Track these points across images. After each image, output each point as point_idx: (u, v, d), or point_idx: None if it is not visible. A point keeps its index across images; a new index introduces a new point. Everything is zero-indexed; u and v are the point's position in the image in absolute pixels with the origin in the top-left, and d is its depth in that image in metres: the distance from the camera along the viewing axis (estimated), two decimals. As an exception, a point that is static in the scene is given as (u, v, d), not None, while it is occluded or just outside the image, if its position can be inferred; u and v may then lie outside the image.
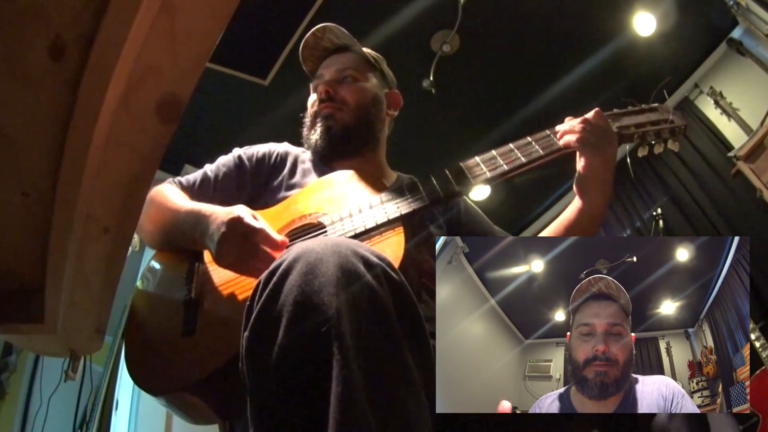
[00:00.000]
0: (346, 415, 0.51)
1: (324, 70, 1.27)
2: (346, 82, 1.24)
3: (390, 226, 0.92)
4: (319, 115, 1.22)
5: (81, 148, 0.51)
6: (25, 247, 0.59)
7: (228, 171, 1.19)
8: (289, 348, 0.56)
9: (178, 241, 1.04)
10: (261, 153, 1.23)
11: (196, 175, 1.22)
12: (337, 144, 1.19)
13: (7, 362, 2.54)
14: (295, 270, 0.59)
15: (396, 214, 0.93)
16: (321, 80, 1.25)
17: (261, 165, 1.21)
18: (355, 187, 1.04)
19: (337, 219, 0.97)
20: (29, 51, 0.46)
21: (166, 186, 1.18)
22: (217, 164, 1.22)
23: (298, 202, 1.07)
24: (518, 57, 3.12)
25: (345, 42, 1.28)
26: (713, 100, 3.22)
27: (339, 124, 1.20)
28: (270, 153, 1.24)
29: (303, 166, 1.21)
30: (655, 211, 3.05)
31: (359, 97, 1.23)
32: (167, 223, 1.07)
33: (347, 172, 1.10)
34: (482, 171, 1.00)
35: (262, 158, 1.22)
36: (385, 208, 0.95)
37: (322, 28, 1.27)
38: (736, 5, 2.86)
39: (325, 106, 1.21)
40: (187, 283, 0.96)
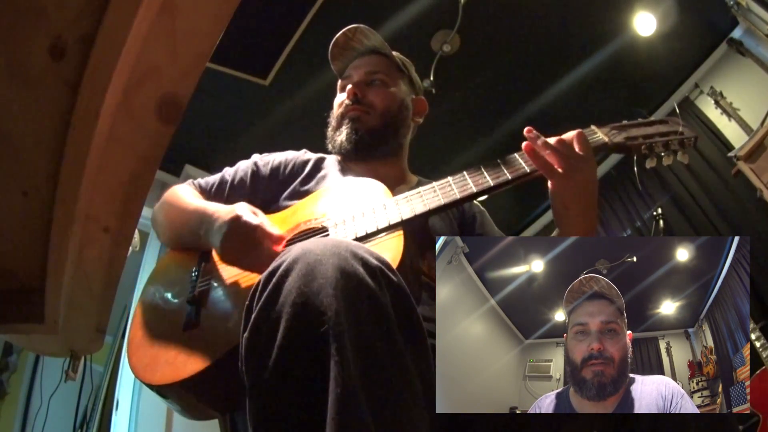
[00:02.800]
0: (345, 415, 0.51)
1: (353, 70, 1.27)
2: (375, 85, 1.24)
3: (392, 229, 0.92)
4: (346, 116, 1.22)
5: (81, 148, 0.51)
6: (25, 247, 0.59)
7: (244, 176, 1.21)
8: (288, 349, 0.56)
9: (186, 239, 1.07)
10: (277, 161, 1.24)
11: (215, 178, 1.24)
12: (362, 147, 1.19)
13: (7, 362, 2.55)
14: (294, 271, 0.60)
15: (397, 219, 0.93)
16: (349, 81, 1.25)
17: (276, 172, 1.22)
18: (363, 192, 1.04)
19: (340, 222, 0.97)
20: (29, 51, 0.46)
21: (182, 186, 1.21)
22: (236, 168, 1.24)
23: (305, 207, 1.08)
24: (518, 57, 3.12)
25: (375, 44, 1.27)
26: (713, 100, 3.22)
27: (365, 127, 1.20)
28: (287, 161, 1.24)
29: (320, 173, 1.22)
30: (655, 211, 3.05)
31: (387, 102, 1.23)
32: (176, 221, 1.11)
33: (359, 178, 1.10)
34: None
35: (277, 166, 1.23)
36: (388, 213, 0.94)
37: (353, 28, 1.26)
38: (736, 5, 2.86)
39: (352, 108, 1.21)
40: (192, 280, 0.98)
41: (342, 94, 1.26)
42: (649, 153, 1.03)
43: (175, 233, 1.12)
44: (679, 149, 1.03)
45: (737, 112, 3.08)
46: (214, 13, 0.52)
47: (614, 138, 1.03)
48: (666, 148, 1.03)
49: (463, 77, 3.16)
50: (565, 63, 3.15)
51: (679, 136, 1.02)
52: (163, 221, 1.16)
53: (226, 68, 2.85)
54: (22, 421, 2.60)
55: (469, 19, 2.75)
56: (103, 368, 2.97)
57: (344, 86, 1.26)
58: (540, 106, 3.30)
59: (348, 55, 1.30)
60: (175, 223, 1.11)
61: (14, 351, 2.57)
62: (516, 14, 2.84)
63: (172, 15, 0.50)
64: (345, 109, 1.22)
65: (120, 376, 2.67)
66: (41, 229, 0.56)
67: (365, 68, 1.25)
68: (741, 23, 3.05)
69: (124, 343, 2.90)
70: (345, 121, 1.22)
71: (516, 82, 3.26)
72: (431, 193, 0.97)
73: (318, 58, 2.98)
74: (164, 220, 1.15)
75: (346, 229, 0.95)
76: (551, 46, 3.06)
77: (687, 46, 3.27)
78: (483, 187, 0.96)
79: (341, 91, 1.28)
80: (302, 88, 2.96)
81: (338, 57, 1.30)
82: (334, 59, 1.31)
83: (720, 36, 3.26)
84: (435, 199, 0.96)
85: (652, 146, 1.02)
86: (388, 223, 0.92)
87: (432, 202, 0.95)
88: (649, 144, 1.02)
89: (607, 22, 2.99)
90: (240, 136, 3.16)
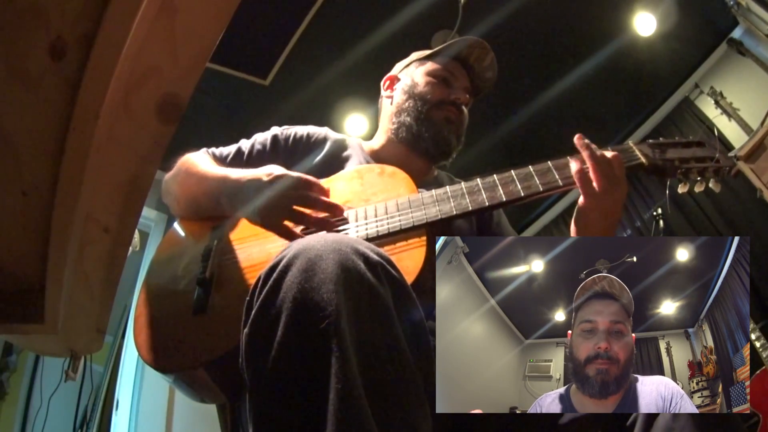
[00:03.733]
0: (346, 410, 0.51)
1: (461, 77, 1.25)
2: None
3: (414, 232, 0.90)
4: (442, 111, 1.20)
5: (81, 148, 0.51)
6: (25, 247, 0.59)
7: (262, 148, 1.19)
8: (288, 345, 0.56)
9: (205, 206, 1.05)
10: (299, 135, 1.21)
11: (231, 148, 1.21)
12: (438, 145, 1.19)
13: (7, 362, 2.54)
14: (294, 267, 0.60)
15: (422, 220, 0.91)
16: (456, 84, 1.23)
17: (296, 146, 1.19)
18: (388, 184, 1.02)
19: (362, 215, 0.95)
20: (29, 51, 0.46)
21: (197, 153, 1.17)
22: (253, 140, 1.22)
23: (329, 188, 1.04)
24: (518, 57, 3.12)
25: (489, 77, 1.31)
26: (713, 100, 3.22)
27: (453, 133, 1.20)
28: (309, 135, 1.22)
29: (344, 153, 1.20)
30: (655, 211, 3.05)
31: (465, 124, 1.25)
32: (194, 188, 1.07)
33: (386, 166, 1.08)
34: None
35: (299, 139, 1.20)
36: (413, 213, 0.92)
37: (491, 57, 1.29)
38: (736, 5, 2.86)
39: (454, 112, 1.20)
40: (204, 260, 0.95)
41: (433, 79, 1.23)
42: (683, 178, 0.99)
43: (192, 202, 1.08)
44: (713, 177, 0.99)
45: (737, 112, 3.08)
46: (214, 13, 0.52)
47: (652, 159, 0.99)
48: (701, 175, 0.99)
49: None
50: (565, 63, 3.15)
51: (716, 164, 0.98)
52: (177, 190, 1.11)
53: (226, 68, 2.85)
54: (22, 421, 2.60)
55: (468, 19, 2.74)
56: (103, 368, 2.97)
57: (443, 73, 1.23)
58: (540, 106, 3.30)
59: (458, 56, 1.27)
60: (192, 191, 1.07)
61: (14, 351, 2.57)
62: (516, 14, 2.84)
63: (172, 15, 0.50)
64: (449, 112, 1.20)
65: (120, 376, 2.67)
66: (41, 229, 0.56)
67: (466, 85, 1.26)
68: (741, 23, 3.05)
69: (124, 343, 2.91)
70: (444, 121, 1.20)
71: (516, 83, 3.25)
72: (459, 197, 0.95)
73: (318, 58, 3.00)
74: (179, 189, 1.11)
75: (368, 225, 0.93)
76: (551, 46, 3.06)
77: (687, 46, 3.27)
78: (513, 197, 0.93)
79: (434, 73, 1.24)
80: (302, 88, 2.96)
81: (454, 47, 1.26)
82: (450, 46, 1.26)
83: (720, 36, 3.26)
84: (462, 204, 0.94)
85: (688, 172, 0.98)
86: (413, 223, 0.90)
87: (460, 206, 0.94)
88: (685, 169, 0.98)
89: (607, 22, 2.99)
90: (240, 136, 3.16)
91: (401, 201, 0.96)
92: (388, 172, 1.05)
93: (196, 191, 1.06)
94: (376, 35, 2.65)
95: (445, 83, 1.23)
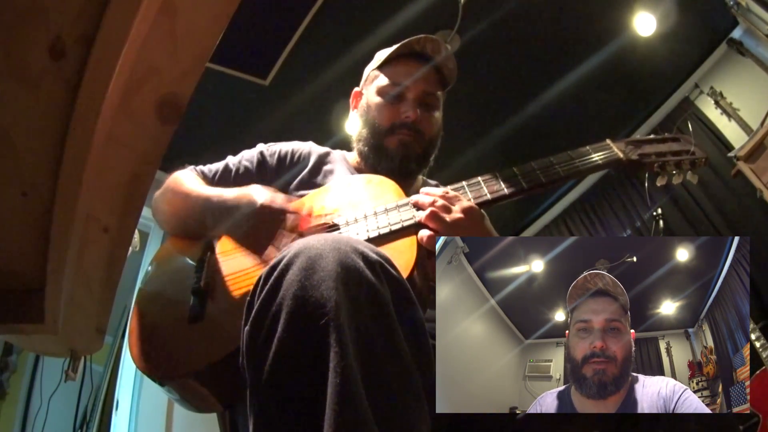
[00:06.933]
0: (344, 406, 0.52)
1: (412, 84, 1.20)
2: (425, 107, 1.20)
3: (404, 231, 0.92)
4: (394, 136, 1.18)
5: (81, 148, 0.51)
6: (25, 247, 0.59)
7: (249, 165, 1.21)
8: (288, 341, 0.57)
9: (192, 227, 1.06)
10: (284, 151, 1.24)
11: (218, 166, 1.23)
12: (402, 171, 1.17)
13: (7, 362, 2.54)
14: (295, 265, 0.60)
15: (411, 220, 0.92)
16: (407, 93, 1.20)
17: (282, 163, 1.22)
18: (375, 191, 1.04)
19: (352, 220, 0.97)
20: (29, 51, 0.46)
21: (184, 172, 1.19)
22: (240, 157, 1.24)
23: (316, 200, 1.07)
24: (518, 57, 3.12)
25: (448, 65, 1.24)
26: (713, 100, 3.22)
27: (413, 154, 1.19)
28: (293, 151, 1.24)
29: (326, 166, 1.21)
30: (655, 211, 3.05)
31: (434, 129, 1.22)
32: (181, 208, 1.09)
33: (371, 175, 1.09)
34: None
35: (284, 156, 1.23)
36: (401, 213, 0.94)
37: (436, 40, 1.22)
38: (736, 5, 2.86)
39: (407, 134, 1.18)
40: (198, 271, 0.97)
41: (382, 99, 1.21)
42: (660, 171, 1.04)
43: (179, 221, 1.10)
44: (689, 169, 1.04)
45: (737, 112, 3.08)
46: (214, 13, 0.52)
47: (629, 154, 1.03)
48: (677, 167, 1.04)
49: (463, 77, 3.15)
50: (565, 63, 3.15)
51: (691, 156, 1.04)
52: (165, 209, 1.14)
53: (226, 68, 2.85)
54: (22, 421, 2.60)
55: (468, 19, 2.74)
56: (103, 368, 2.97)
57: (391, 89, 1.20)
58: (540, 107, 3.30)
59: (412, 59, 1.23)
60: (179, 211, 1.10)
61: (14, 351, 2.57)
62: (516, 14, 2.84)
63: (172, 15, 0.50)
64: (397, 131, 1.18)
65: (120, 376, 2.67)
66: (41, 229, 0.56)
67: (424, 86, 1.21)
68: (741, 23, 3.05)
69: (124, 343, 2.91)
70: (392, 140, 1.18)
71: (516, 83, 3.26)
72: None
73: (318, 58, 2.99)
74: (167, 208, 1.13)
75: (358, 227, 0.95)
76: (551, 46, 3.06)
77: (687, 46, 3.27)
78: (497, 194, 0.97)
79: (385, 92, 1.21)
80: (302, 88, 2.96)
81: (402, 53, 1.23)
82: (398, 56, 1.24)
83: (720, 36, 3.26)
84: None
85: (665, 165, 1.03)
86: (402, 224, 0.92)
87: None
88: (662, 162, 1.03)
89: (607, 22, 2.99)
90: (239, 136, 3.16)
91: (389, 205, 0.98)
92: (375, 181, 1.07)
93: (182, 211, 1.09)
94: (376, 35, 2.64)
95: (396, 100, 1.20)
